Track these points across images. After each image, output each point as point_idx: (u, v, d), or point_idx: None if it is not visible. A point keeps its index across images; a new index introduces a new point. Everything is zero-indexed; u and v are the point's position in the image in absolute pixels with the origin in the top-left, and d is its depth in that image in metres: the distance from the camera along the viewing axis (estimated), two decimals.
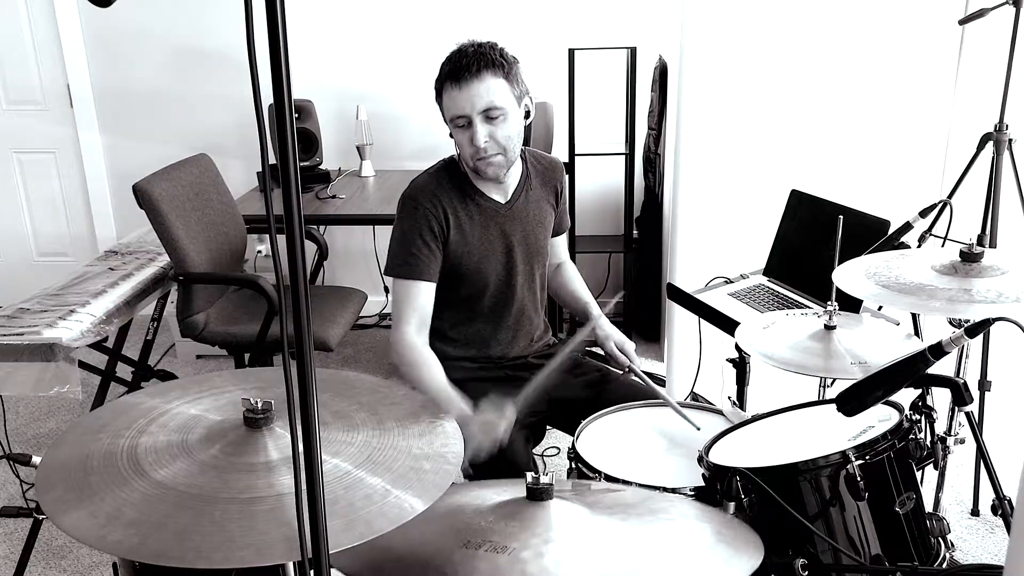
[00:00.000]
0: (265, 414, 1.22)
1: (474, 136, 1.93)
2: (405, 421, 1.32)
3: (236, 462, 1.17)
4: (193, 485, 1.13)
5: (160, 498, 1.12)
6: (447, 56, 1.96)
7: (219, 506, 1.09)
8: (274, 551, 1.03)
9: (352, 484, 1.15)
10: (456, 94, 1.91)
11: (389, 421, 1.31)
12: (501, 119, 1.94)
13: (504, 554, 1.18)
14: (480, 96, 1.91)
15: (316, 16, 4.00)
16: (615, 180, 3.97)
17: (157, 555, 1.03)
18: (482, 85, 1.90)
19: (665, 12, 3.76)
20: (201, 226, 2.99)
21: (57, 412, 3.46)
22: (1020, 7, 2.46)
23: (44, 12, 4.09)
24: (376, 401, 1.38)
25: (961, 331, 1.39)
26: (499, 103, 1.92)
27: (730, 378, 2.25)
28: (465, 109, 1.92)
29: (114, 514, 1.09)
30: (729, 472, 1.48)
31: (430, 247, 2.01)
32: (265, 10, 0.79)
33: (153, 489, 1.13)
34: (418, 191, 2.04)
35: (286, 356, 0.91)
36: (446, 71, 1.94)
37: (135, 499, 1.12)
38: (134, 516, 1.09)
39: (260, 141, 0.84)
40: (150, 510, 1.10)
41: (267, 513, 1.08)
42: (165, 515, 1.09)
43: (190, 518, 1.08)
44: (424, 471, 1.20)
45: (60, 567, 2.56)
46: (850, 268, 1.89)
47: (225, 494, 1.11)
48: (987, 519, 2.63)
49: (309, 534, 0.96)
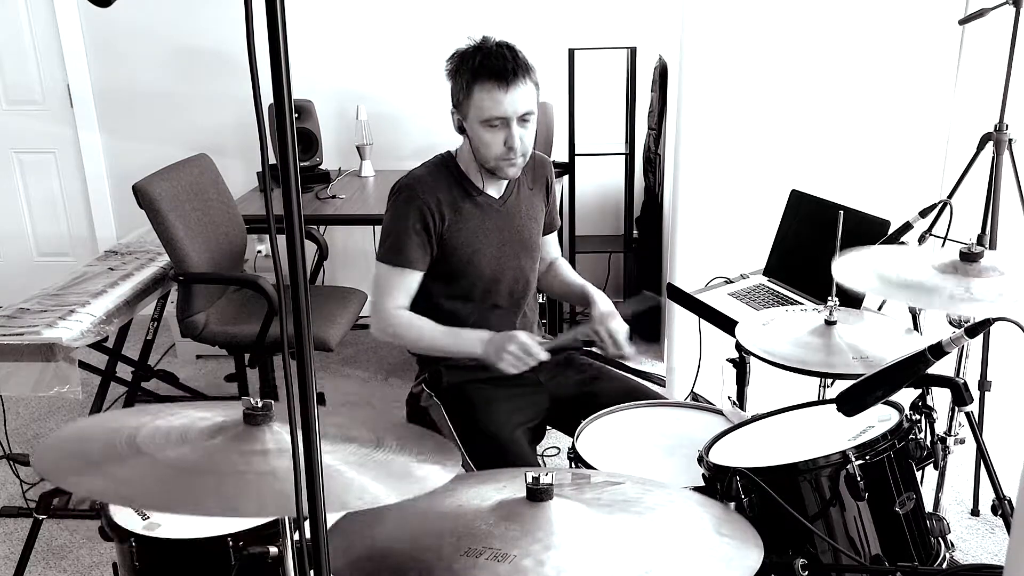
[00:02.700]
0: (265, 412, 1.22)
1: (510, 138, 1.96)
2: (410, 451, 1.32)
3: (234, 447, 1.18)
4: (191, 462, 1.15)
5: (159, 468, 1.14)
6: (475, 52, 1.95)
7: (217, 476, 1.12)
8: (270, 508, 1.07)
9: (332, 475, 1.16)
10: (501, 96, 1.92)
11: (389, 440, 1.31)
12: (531, 123, 2.00)
13: (505, 562, 1.18)
14: (523, 100, 1.94)
15: (316, 16, 4.00)
16: (615, 180, 3.97)
17: (160, 505, 1.05)
18: (525, 89, 1.95)
19: (665, 12, 3.76)
20: (201, 226, 2.99)
21: (57, 412, 3.46)
22: (1020, 7, 2.46)
23: (44, 12, 4.10)
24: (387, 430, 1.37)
25: (961, 331, 1.39)
26: (533, 108, 1.99)
27: (730, 378, 2.25)
28: (507, 111, 1.94)
29: (115, 478, 1.12)
30: (729, 472, 1.48)
31: (422, 237, 2.02)
32: (265, 10, 0.79)
33: (152, 463, 1.15)
34: (414, 182, 2.05)
35: (286, 356, 0.91)
36: (485, 70, 1.92)
37: (135, 469, 1.14)
38: (135, 479, 1.12)
39: (260, 141, 0.84)
40: (151, 475, 1.13)
41: (263, 481, 1.11)
42: (165, 480, 1.12)
43: (188, 483, 1.11)
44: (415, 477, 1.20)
45: (60, 567, 2.56)
46: (849, 262, 1.85)
47: (222, 468, 1.13)
48: (987, 519, 2.63)
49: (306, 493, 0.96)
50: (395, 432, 1.34)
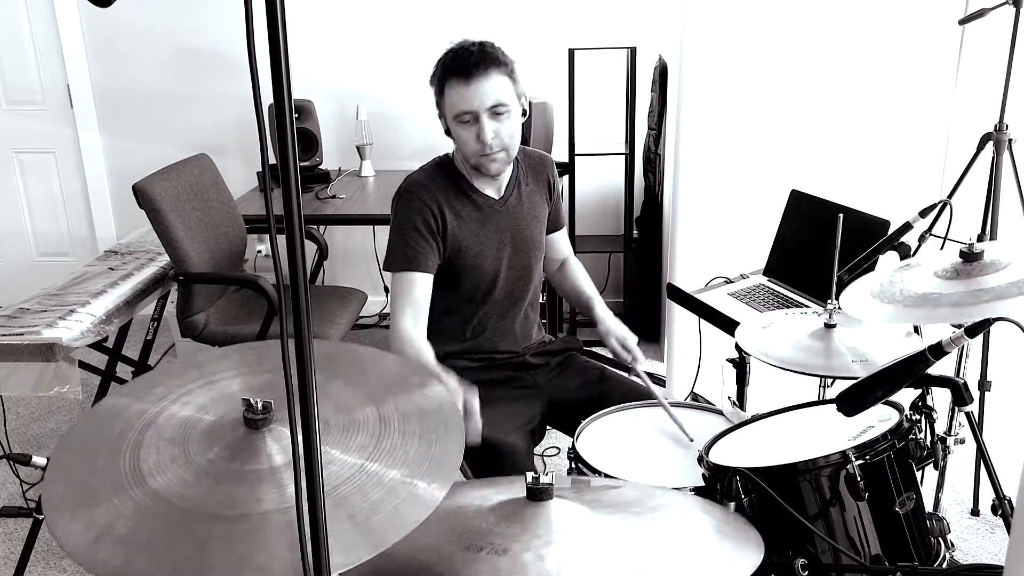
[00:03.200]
0: (265, 414, 1.21)
1: (481, 132, 1.95)
2: (399, 394, 1.29)
3: (236, 469, 1.15)
4: (195, 500, 1.11)
5: (151, 510, 1.10)
6: (446, 54, 1.97)
7: (206, 524, 1.07)
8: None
9: (364, 482, 1.13)
10: (464, 91, 1.92)
11: (387, 404, 1.28)
12: (506, 116, 1.97)
13: (505, 556, 1.18)
14: (488, 93, 1.93)
15: (316, 16, 4.00)
16: (615, 180, 3.97)
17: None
18: (490, 82, 1.93)
19: (665, 12, 3.76)
20: (201, 226, 2.99)
21: (57, 412, 3.46)
22: (1020, 7, 2.45)
23: (44, 12, 4.10)
24: (366, 378, 1.34)
25: (961, 331, 1.39)
26: (505, 100, 1.95)
27: (730, 378, 2.25)
28: (473, 105, 1.93)
29: (105, 529, 1.08)
30: (729, 472, 1.48)
31: (426, 239, 2.02)
32: (265, 10, 0.79)
33: (147, 499, 1.11)
34: (414, 185, 2.05)
35: (286, 356, 0.91)
36: (450, 67, 1.94)
37: (128, 510, 1.10)
38: (123, 532, 1.07)
39: (260, 141, 0.84)
40: (140, 524, 1.08)
41: (272, 528, 1.06)
42: (167, 536, 1.07)
43: (192, 536, 1.06)
44: (432, 455, 1.17)
45: (60, 567, 2.56)
46: (855, 289, 1.77)
47: (227, 510, 1.09)
48: (987, 519, 2.63)
49: (312, 561, 0.94)
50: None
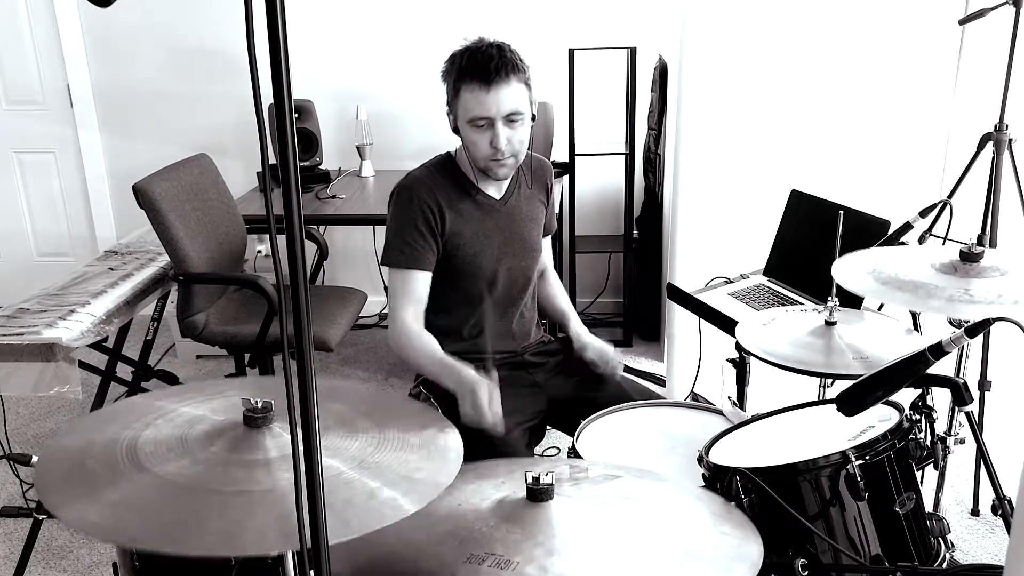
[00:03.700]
0: (265, 414, 1.22)
1: (496, 139, 1.95)
2: (407, 431, 1.31)
3: (235, 458, 1.17)
4: (192, 478, 1.14)
5: (159, 487, 1.13)
6: (463, 52, 1.95)
7: (218, 497, 1.10)
8: (272, 541, 1.04)
9: (340, 486, 1.15)
10: (483, 96, 1.92)
11: (391, 430, 1.30)
12: (520, 124, 1.97)
13: (508, 570, 1.18)
14: (506, 100, 1.92)
15: (316, 16, 4.00)
16: (615, 180, 3.97)
17: (157, 542, 1.03)
18: (509, 89, 1.92)
19: (665, 12, 3.76)
20: (201, 226, 2.99)
21: (57, 412, 3.46)
22: (1020, 7, 2.46)
23: (44, 12, 4.09)
24: (378, 408, 1.37)
25: (961, 331, 1.39)
26: (521, 108, 1.95)
27: (730, 378, 2.25)
28: (491, 112, 1.93)
29: (113, 505, 1.10)
30: (729, 472, 1.48)
31: (425, 237, 2.02)
32: (265, 10, 0.79)
33: (152, 481, 1.14)
34: (414, 182, 2.05)
35: (286, 356, 0.91)
36: (469, 70, 1.93)
37: (134, 491, 1.12)
38: (134, 504, 1.10)
39: (260, 141, 0.84)
40: (149, 499, 1.11)
41: (265, 503, 1.09)
42: (164, 504, 1.10)
43: (188, 507, 1.09)
44: (416, 480, 1.19)
45: (60, 567, 2.56)
46: (849, 262, 1.86)
47: (224, 486, 1.12)
48: (987, 519, 2.63)
49: (308, 525, 0.95)
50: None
